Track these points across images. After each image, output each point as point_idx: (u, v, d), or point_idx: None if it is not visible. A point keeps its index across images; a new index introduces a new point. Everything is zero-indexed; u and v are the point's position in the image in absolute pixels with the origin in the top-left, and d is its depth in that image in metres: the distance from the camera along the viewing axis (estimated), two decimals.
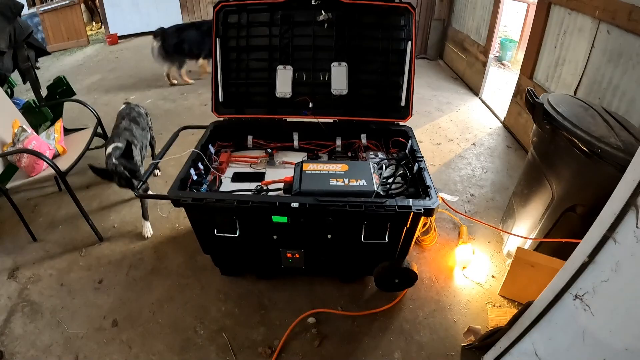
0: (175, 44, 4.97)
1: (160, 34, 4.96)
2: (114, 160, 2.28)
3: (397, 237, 1.82)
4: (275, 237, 1.89)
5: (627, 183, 0.98)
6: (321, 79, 2.38)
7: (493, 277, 2.25)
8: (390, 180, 1.98)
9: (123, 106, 2.86)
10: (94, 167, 2.22)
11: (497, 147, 3.68)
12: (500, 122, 4.14)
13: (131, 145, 2.33)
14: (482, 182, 3.13)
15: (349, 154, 2.38)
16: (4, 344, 1.95)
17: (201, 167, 2.10)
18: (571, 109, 1.89)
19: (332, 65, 2.34)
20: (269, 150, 2.36)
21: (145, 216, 2.59)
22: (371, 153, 2.30)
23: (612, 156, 1.60)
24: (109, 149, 2.36)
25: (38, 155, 2.38)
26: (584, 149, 1.68)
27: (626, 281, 1.00)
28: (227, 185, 2.13)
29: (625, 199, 0.98)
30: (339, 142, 2.39)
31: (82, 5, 8.15)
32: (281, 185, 2.00)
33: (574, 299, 1.16)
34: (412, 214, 1.67)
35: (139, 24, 8.22)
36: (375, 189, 1.77)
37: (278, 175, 2.14)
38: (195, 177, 2.02)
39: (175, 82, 5.35)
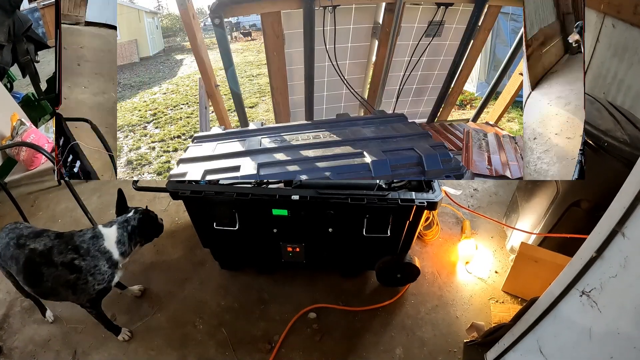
0: None
1: None
2: (133, 221, 1.72)
3: (399, 231, 1.80)
4: (275, 230, 1.87)
5: (637, 176, 0.96)
6: None
7: (496, 272, 2.23)
8: None
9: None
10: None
11: None
12: None
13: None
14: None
15: None
16: (2, 339, 1.95)
17: None
18: None
19: None
20: None
21: None
22: None
23: (619, 150, 1.57)
24: (113, 238, 1.66)
25: (36, 148, 2.36)
26: (590, 142, 1.65)
27: (635, 277, 0.97)
28: None
29: (635, 193, 0.95)
30: None
31: None
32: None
33: (581, 295, 1.13)
34: (415, 207, 1.65)
35: None
36: (378, 181, 1.75)
37: None
38: None
39: None
